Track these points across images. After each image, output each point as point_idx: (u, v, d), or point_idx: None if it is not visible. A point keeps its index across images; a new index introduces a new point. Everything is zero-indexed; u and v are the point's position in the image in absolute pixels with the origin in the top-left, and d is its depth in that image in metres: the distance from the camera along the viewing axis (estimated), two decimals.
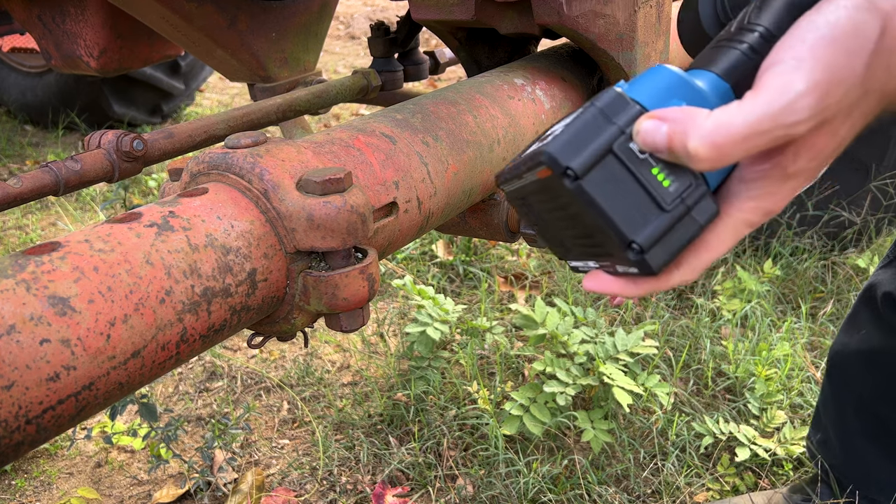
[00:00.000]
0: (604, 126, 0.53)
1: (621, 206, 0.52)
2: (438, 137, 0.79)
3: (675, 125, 0.51)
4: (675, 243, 0.54)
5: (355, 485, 1.51)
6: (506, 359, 1.82)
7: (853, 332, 1.33)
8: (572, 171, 0.52)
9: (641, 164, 0.53)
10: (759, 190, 0.53)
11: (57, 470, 1.61)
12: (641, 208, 0.53)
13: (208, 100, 4.28)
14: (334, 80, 1.30)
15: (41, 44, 1.74)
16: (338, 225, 0.58)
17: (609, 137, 0.53)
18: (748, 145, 0.48)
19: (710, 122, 0.49)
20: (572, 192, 0.53)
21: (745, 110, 0.48)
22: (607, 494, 1.43)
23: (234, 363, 1.92)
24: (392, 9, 6.55)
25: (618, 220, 0.53)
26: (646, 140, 0.52)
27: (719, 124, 0.49)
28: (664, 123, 0.51)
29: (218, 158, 0.61)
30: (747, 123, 0.48)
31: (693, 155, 0.49)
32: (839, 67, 0.48)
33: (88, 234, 0.50)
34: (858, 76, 0.48)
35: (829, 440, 1.38)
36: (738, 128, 0.48)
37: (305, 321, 0.64)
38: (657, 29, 1.08)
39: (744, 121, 0.48)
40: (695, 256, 0.56)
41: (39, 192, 0.87)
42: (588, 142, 0.53)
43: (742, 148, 0.48)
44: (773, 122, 0.48)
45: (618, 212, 0.53)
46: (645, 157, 0.53)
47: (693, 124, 0.50)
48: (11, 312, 0.43)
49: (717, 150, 0.49)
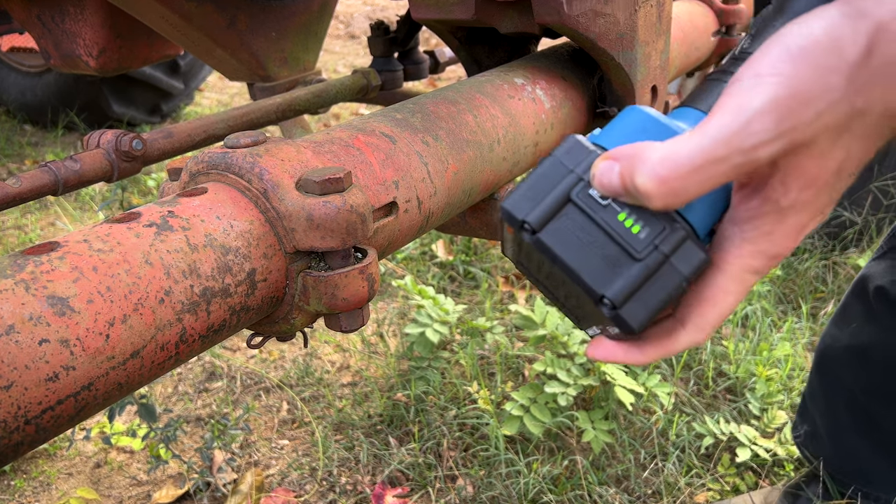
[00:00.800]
0: (562, 174, 0.49)
1: (588, 259, 0.48)
2: (438, 137, 0.79)
3: (625, 162, 0.46)
4: (656, 296, 0.48)
5: (355, 485, 1.51)
6: (506, 359, 1.82)
7: (843, 326, 1.31)
8: (528, 224, 0.49)
9: (605, 211, 0.48)
10: (755, 231, 0.48)
11: (56, 470, 1.60)
12: (610, 260, 0.48)
13: (207, 99, 4.28)
14: (334, 80, 1.30)
15: (40, 43, 1.74)
16: (337, 225, 0.58)
17: (567, 186, 0.49)
18: (702, 177, 0.43)
19: (657, 155, 0.44)
20: (533, 248, 0.49)
21: (695, 138, 0.43)
22: (608, 495, 1.43)
23: (234, 363, 1.92)
24: (392, 8, 6.55)
25: (584, 273, 0.48)
26: (602, 182, 0.47)
27: (665, 156, 0.43)
28: (616, 163, 0.46)
29: (217, 158, 0.61)
30: (698, 151, 0.42)
31: (642, 192, 0.44)
32: (806, 84, 0.42)
33: (87, 234, 0.50)
34: (837, 93, 0.42)
35: (817, 433, 1.38)
36: (687, 158, 0.43)
37: (305, 321, 0.63)
38: (658, 28, 1.07)
39: (693, 149, 0.43)
40: (699, 314, 0.50)
41: (38, 191, 0.86)
42: (545, 192, 0.49)
43: (696, 180, 0.43)
44: (728, 148, 0.42)
45: (584, 265, 0.48)
46: (608, 203, 0.48)
47: (640, 159, 0.45)
48: (10, 312, 0.42)
49: (665, 184, 0.43)
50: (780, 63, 0.43)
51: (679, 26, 1.37)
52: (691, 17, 1.46)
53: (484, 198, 0.95)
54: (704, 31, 1.50)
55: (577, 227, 0.48)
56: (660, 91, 1.15)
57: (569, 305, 0.55)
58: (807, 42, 0.43)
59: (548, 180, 0.49)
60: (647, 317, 0.48)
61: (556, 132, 1.00)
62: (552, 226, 0.49)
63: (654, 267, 0.48)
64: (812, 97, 0.42)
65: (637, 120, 0.51)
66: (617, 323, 0.49)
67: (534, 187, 0.49)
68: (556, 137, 1.02)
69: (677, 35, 1.33)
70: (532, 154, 0.96)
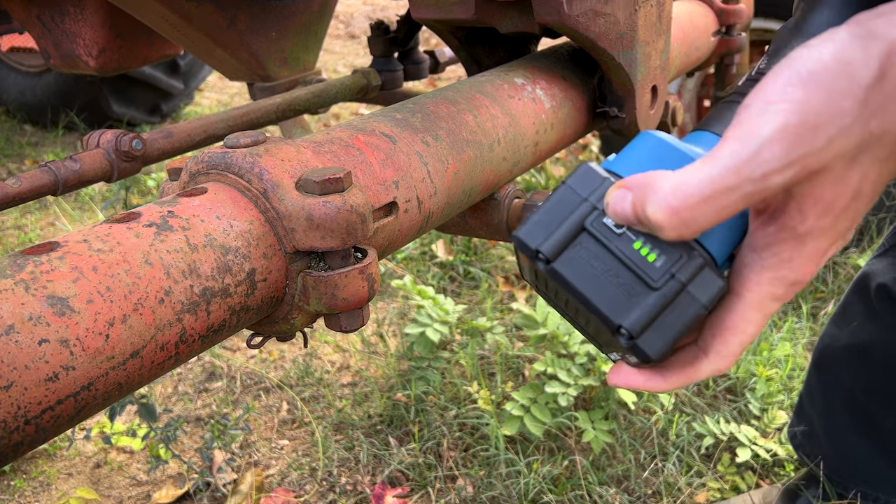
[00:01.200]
0: (575, 203, 0.49)
1: (603, 289, 0.48)
2: (438, 137, 0.79)
3: (637, 192, 0.45)
4: (674, 325, 0.48)
5: (355, 485, 1.51)
6: (506, 359, 1.82)
7: (843, 325, 1.31)
8: (542, 254, 0.48)
9: (620, 240, 0.48)
10: (774, 258, 0.47)
11: (56, 470, 1.60)
12: (627, 289, 0.47)
13: (207, 99, 4.28)
14: (334, 80, 1.30)
15: (40, 43, 1.74)
16: (337, 225, 0.58)
17: (581, 214, 0.48)
18: (714, 207, 0.42)
19: (668, 185, 0.43)
20: (548, 277, 0.49)
21: (705, 167, 0.43)
22: (608, 495, 1.43)
23: (234, 363, 1.92)
24: (392, 8, 6.55)
25: (600, 303, 0.48)
26: (615, 211, 0.47)
27: (676, 186, 0.43)
28: (629, 192, 0.46)
29: (217, 158, 0.61)
30: (708, 181, 0.42)
31: (653, 222, 0.44)
32: (816, 109, 0.41)
33: (87, 234, 0.50)
34: (849, 117, 0.41)
35: (814, 433, 1.37)
36: (697, 188, 0.42)
37: (305, 321, 0.63)
38: (658, 28, 1.07)
39: (703, 179, 0.42)
40: (721, 342, 0.50)
41: (38, 191, 0.86)
42: (558, 221, 0.49)
43: (707, 210, 0.42)
44: (738, 177, 0.42)
45: (600, 295, 0.48)
46: (623, 231, 0.48)
47: (652, 189, 0.44)
48: (10, 312, 0.42)
49: (676, 215, 0.43)
50: (789, 88, 0.42)
51: (679, 26, 1.37)
52: (691, 17, 1.46)
53: (484, 198, 0.95)
54: (704, 31, 1.50)
55: (592, 256, 0.48)
56: (660, 91, 1.15)
57: (589, 331, 0.55)
58: (817, 66, 0.42)
59: (561, 209, 0.49)
60: (665, 346, 0.48)
61: (556, 132, 1.00)
62: (567, 255, 0.48)
63: (671, 296, 0.47)
64: (823, 123, 0.41)
65: (651, 146, 0.51)
66: (635, 353, 0.48)
67: (547, 216, 0.49)
68: (556, 137, 1.02)
69: (677, 35, 1.33)
70: (532, 154, 0.96)
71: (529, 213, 0.51)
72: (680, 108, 1.28)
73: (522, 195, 1.01)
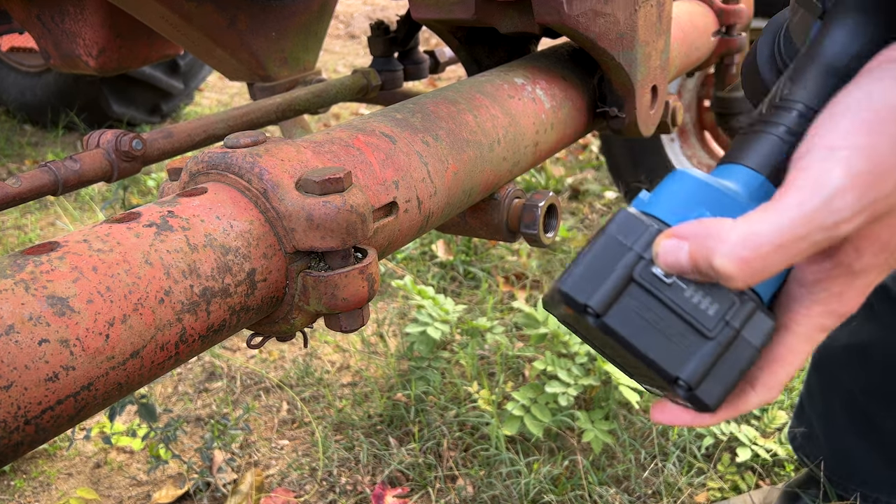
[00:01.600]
0: (619, 253, 0.48)
1: (657, 340, 0.47)
2: (438, 137, 0.79)
3: (697, 242, 0.44)
4: (730, 372, 0.47)
5: (355, 485, 1.51)
6: (506, 359, 1.82)
7: (842, 325, 1.30)
8: (592, 308, 0.47)
9: (671, 290, 0.47)
10: (825, 292, 0.47)
11: (56, 470, 1.60)
12: (680, 339, 0.47)
13: (207, 99, 4.28)
14: (334, 80, 1.30)
15: (40, 43, 1.74)
16: (337, 225, 0.58)
17: (627, 265, 0.47)
18: (784, 255, 0.42)
19: (735, 235, 0.43)
20: (598, 330, 0.48)
21: (774, 216, 0.42)
22: (608, 495, 1.43)
23: (234, 363, 1.92)
24: (392, 8, 6.56)
25: (655, 356, 0.47)
26: (668, 262, 0.46)
27: (746, 237, 0.42)
28: (685, 242, 0.45)
29: (217, 158, 0.61)
30: (778, 231, 0.42)
31: (722, 273, 0.43)
32: (883, 155, 0.41)
33: (87, 234, 0.50)
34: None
35: (814, 434, 1.37)
36: (768, 237, 0.42)
37: (305, 321, 0.63)
38: (658, 28, 1.07)
39: (773, 229, 0.42)
40: (769, 374, 0.49)
41: (38, 191, 0.86)
42: (605, 273, 0.47)
43: (777, 259, 0.42)
44: (809, 226, 0.41)
45: (654, 347, 0.47)
46: (672, 280, 0.47)
47: (717, 239, 0.43)
48: (10, 312, 0.42)
49: (748, 265, 0.42)
50: (853, 135, 0.42)
51: (679, 26, 1.36)
52: (691, 17, 1.46)
53: (484, 198, 0.95)
54: (704, 31, 1.50)
55: (643, 307, 0.47)
56: (660, 91, 1.15)
57: (627, 367, 0.55)
58: (876, 109, 0.42)
59: (606, 259, 0.48)
60: (723, 394, 0.47)
61: (556, 132, 1.00)
62: (616, 308, 0.47)
63: (726, 343, 0.47)
64: (890, 168, 0.41)
65: (689, 187, 0.49)
66: (692, 402, 0.48)
67: (592, 267, 0.48)
68: (556, 137, 1.02)
69: (677, 35, 1.33)
70: (532, 154, 0.96)
71: (572, 265, 0.49)
72: (680, 108, 1.28)
73: (522, 195, 1.01)
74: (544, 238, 0.99)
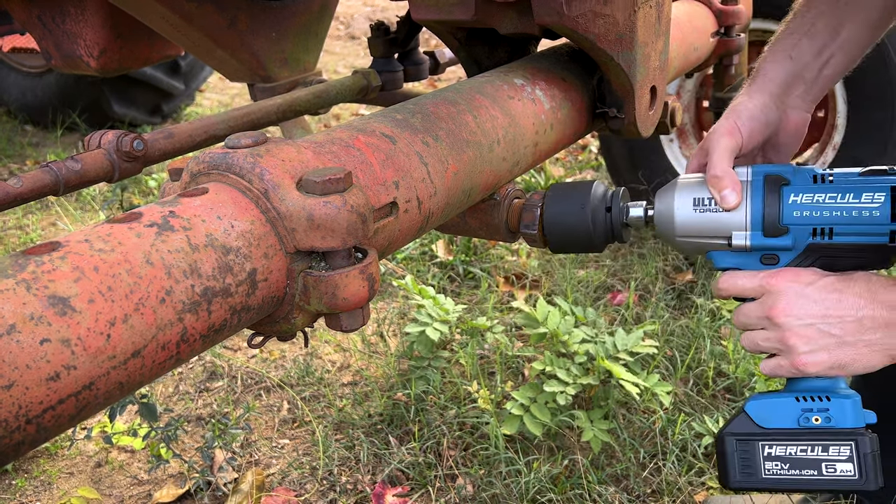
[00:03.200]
0: None
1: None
2: (438, 137, 0.79)
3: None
4: None
5: (355, 484, 1.51)
6: (506, 358, 1.82)
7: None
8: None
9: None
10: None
11: (57, 470, 1.61)
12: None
13: (208, 100, 4.28)
14: (334, 81, 1.30)
15: (41, 44, 1.74)
16: (338, 225, 0.58)
17: None
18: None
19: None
20: None
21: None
22: (607, 494, 1.43)
23: (235, 363, 1.92)
24: (392, 9, 6.56)
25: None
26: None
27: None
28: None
29: (218, 158, 0.61)
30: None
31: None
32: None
33: (88, 234, 0.50)
34: None
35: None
36: None
37: (305, 321, 0.64)
38: (657, 29, 1.08)
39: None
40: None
41: (40, 191, 0.87)
42: None
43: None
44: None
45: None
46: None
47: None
48: (12, 312, 0.43)
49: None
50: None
51: (678, 27, 1.37)
52: (690, 18, 1.46)
53: (484, 198, 0.96)
54: (703, 32, 1.51)
55: None
56: (659, 92, 1.15)
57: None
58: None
59: None
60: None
61: (555, 132, 1.01)
62: None
63: None
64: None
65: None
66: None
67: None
68: (556, 138, 1.02)
69: (676, 36, 1.34)
70: (532, 154, 0.97)
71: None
72: (679, 109, 1.28)
73: (522, 195, 1.02)
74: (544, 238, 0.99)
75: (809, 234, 0.86)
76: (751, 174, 0.90)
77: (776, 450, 0.88)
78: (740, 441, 0.90)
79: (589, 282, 2.15)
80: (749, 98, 0.98)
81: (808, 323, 0.85)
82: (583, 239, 0.94)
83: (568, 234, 0.95)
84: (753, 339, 0.91)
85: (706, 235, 0.91)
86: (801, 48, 0.96)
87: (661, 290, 2.07)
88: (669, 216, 0.91)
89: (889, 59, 1.82)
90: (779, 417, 0.90)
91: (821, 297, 0.85)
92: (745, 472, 0.89)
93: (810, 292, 0.85)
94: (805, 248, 0.87)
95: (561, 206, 0.94)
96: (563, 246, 0.97)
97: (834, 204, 0.85)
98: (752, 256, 0.90)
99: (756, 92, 0.98)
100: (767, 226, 0.87)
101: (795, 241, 0.87)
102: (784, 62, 0.97)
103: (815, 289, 0.85)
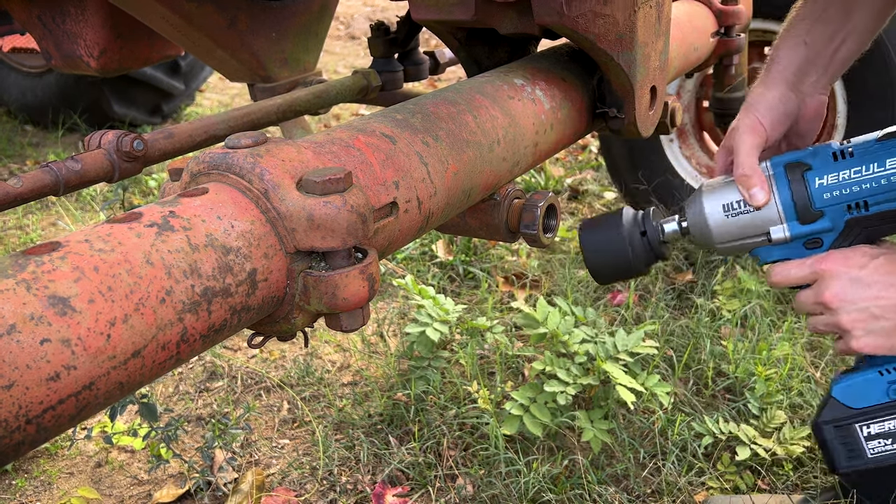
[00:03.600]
0: None
1: None
2: (438, 137, 0.79)
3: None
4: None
5: (355, 484, 1.51)
6: (506, 359, 1.82)
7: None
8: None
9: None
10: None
11: (57, 470, 1.61)
12: None
13: (208, 100, 4.28)
14: (334, 81, 1.30)
15: (41, 44, 1.74)
16: (338, 225, 0.58)
17: None
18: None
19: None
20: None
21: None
22: (607, 494, 1.43)
23: (235, 363, 1.92)
24: (392, 9, 6.56)
25: None
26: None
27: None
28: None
29: (218, 158, 0.61)
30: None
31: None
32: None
33: (89, 234, 0.50)
34: None
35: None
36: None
37: (305, 321, 0.64)
38: (657, 29, 1.08)
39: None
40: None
41: (40, 192, 0.87)
42: None
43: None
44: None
45: None
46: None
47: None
48: (12, 312, 0.43)
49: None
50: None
51: (678, 27, 1.37)
52: (690, 18, 1.46)
53: (484, 198, 0.96)
54: (703, 32, 1.51)
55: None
56: (659, 92, 1.15)
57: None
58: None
59: None
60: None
61: (555, 133, 1.01)
62: None
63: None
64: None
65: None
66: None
67: None
68: (556, 138, 1.02)
69: (676, 36, 1.34)
70: (532, 154, 0.97)
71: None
72: (679, 109, 1.28)
73: (522, 195, 1.02)
74: (544, 238, 0.99)
75: (845, 210, 0.87)
76: (771, 167, 0.91)
77: (874, 428, 0.88)
78: (837, 427, 0.90)
79: (589, 282, 2.15)
80: (767, 89, 0.98)
81: (862, 307, 0.86)
82: (624, 267, 0.97)
83: (610, 266, 0.98)
84: (814, 324, 0.93)
85: (745, 237, 0.92)
86: (815, 33, 0.97)
87: (661, 290, 2.07)
88: (705, 227, 0.92)
89: (889, 59, 1.82)
90: (868, 395, 0.90)
91: (873, 279, 0.86)
92: (851, 456, 0.89)
93: (863, 276, 0.86)
94: (844, 224, 0.88)
95: (597, 243, 0.96)
96: (608, 278, 1.00)
97: (861, 177, 0.85)
98: (794, 245, 0.91)
99: (773, 82, 0.98)
100: (801, 213, 0.88)
101: (833, 221, 0.88)
102: (798, 48, 0.98)
103: (867, 272, 0.86)
